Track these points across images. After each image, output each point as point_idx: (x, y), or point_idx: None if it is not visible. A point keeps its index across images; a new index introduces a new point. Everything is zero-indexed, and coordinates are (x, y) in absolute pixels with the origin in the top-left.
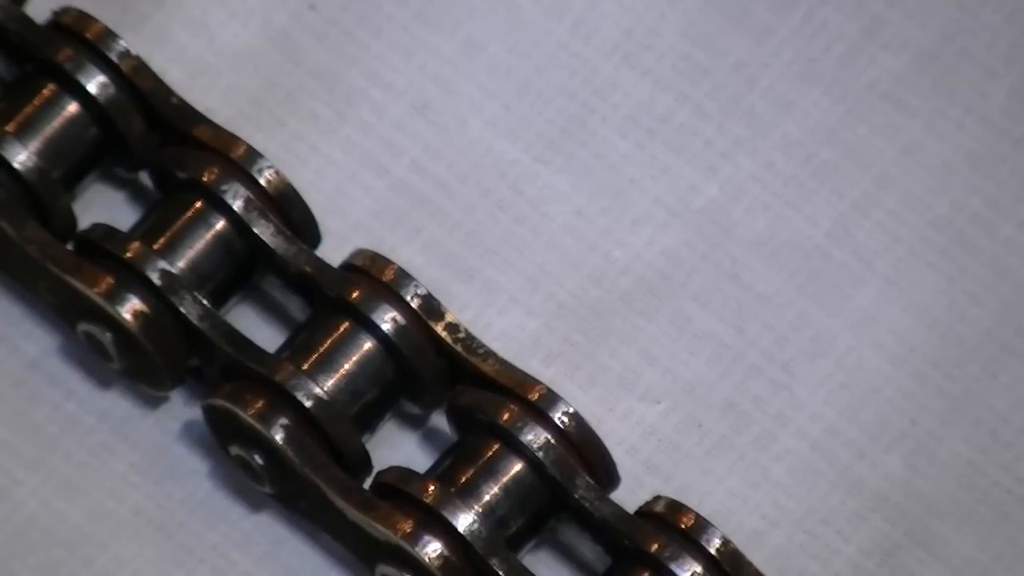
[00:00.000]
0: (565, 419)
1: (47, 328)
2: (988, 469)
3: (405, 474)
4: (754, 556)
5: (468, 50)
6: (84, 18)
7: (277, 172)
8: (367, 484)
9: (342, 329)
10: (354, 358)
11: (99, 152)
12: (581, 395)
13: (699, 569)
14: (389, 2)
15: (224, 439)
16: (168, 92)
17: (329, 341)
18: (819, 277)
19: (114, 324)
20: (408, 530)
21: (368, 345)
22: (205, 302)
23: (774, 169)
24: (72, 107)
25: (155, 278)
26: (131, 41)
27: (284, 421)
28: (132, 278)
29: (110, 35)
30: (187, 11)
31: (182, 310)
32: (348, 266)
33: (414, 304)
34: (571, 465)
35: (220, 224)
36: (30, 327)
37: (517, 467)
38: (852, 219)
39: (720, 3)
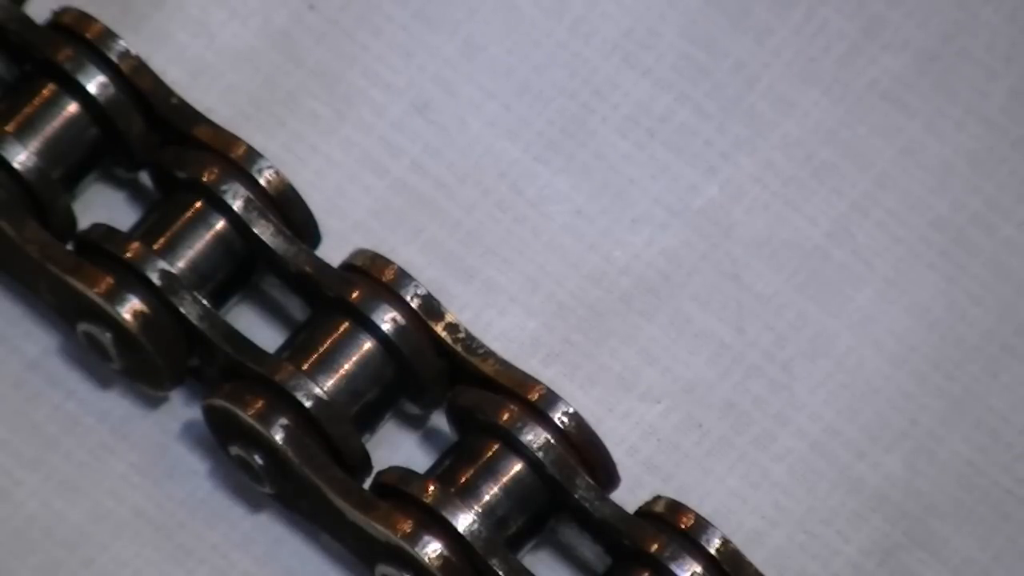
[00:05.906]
0: (565, 419)
1: (47, 328)
2: (988, 469)
3: (405, 474)
4: (754, 556)
5: (468, 50)
6: (84, 18)
7: (277, 172)
8: (367, 484)
9: (342, 329)
10: (354, 358)
11: (99, 152)
12: (581, 395)
13: (699, 569)
14: (389, 2)
15: (224, 439)
16: (168, 92)
17: (329, 341)
18: (819, 277)
19: (114, 324)
20: (408, 530)
21: (368, 345)
22: (205, 302)
23: (774, 169)
24: (72, 107)
25: (155, 278)
26: (131, 41)
27: (284, 421)
28: (132, 278)
29: (110, 35)
30: (187, 11)
31: (182, 310)
32: (348, 266)
33: (414, 304)
34: (571, 465)
35: (220, 224)
36: (30, 327)
37: (517, 467)
38: (852, 219)
39: (720, 3)
